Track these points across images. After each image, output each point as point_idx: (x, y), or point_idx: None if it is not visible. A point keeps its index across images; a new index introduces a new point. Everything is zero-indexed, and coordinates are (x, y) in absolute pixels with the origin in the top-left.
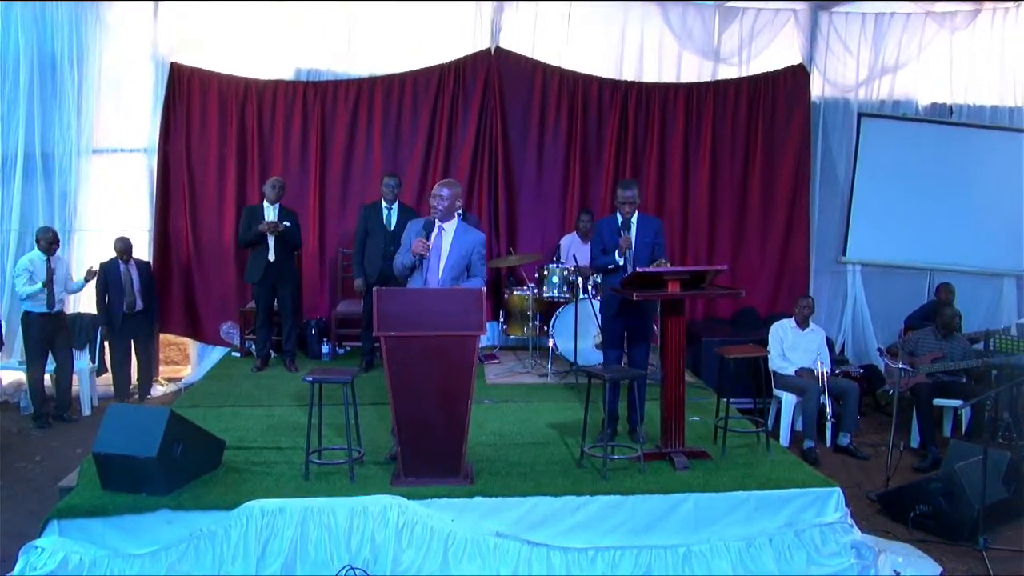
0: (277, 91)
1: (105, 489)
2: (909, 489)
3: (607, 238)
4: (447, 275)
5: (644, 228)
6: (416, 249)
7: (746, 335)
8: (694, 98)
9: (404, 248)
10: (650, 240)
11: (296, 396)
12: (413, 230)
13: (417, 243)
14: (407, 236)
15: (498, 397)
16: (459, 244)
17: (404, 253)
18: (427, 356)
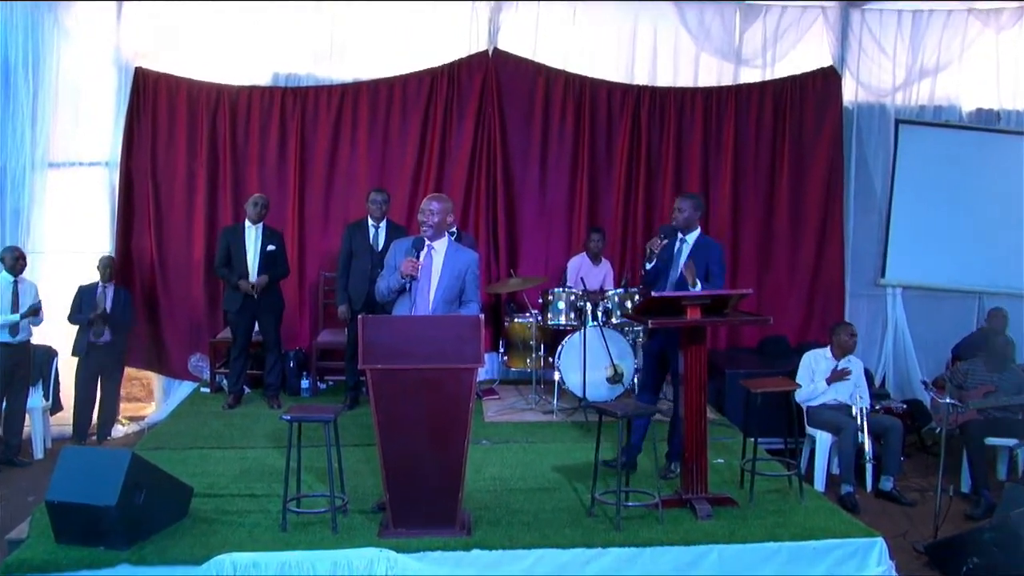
0: (252, 98)
1: (59, 542)
2: (960, 539)
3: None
4: (439, 300)
5: (698, 248)
6: (406, 270)
7: (775, 366)
8: (713, 103)
9: (389, 270)
10: (702, 263)
11: (272, 436)
12: (399, 250)
13: (407, 263)
14: (392, 256)
15: (498, 437)
16: (451, 265)
17: (390, 275)
18: (418, 391)
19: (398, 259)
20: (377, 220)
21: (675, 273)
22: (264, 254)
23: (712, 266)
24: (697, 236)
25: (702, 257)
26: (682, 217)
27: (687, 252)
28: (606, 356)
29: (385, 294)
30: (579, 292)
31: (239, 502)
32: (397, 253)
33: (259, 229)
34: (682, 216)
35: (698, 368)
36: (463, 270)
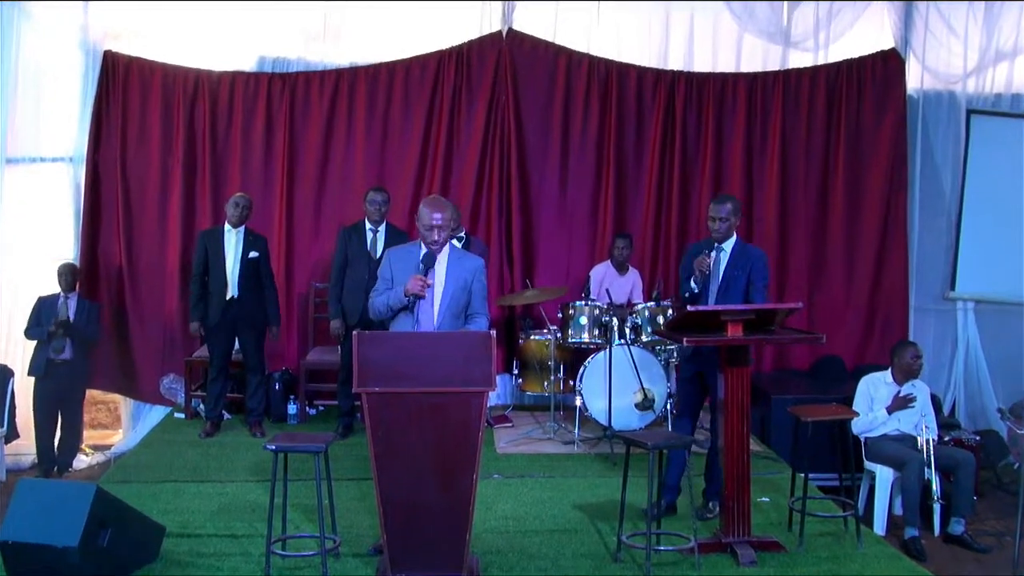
0: (235, 85)
1: None
2: None
3: (690, 264)
4: (446, 314)
5: (738, 257)
6: (413, 289)
7: (828, 392)
8: (758, 91)
9: (383, 283)
10: (740, 273)
11: (255, 469)
12: (397, 260)
13: (414, 282)
14: (386, 268)
15: (511, 470)
16: (455, 273)
17: (385, 289)
18: (421, 418)
19: (398, 273)
20: (375, 223)
21: (714, 287)
22: (246, 262)
23: (754, 277)
24: (735, 244)
25: (742, 267)
26: (723, 227)
27: (724, 263)
28: (635, 379)
29: (383, 312)
30: (604, 305)
31: (217, 543)
32: (394, 264)
33: (241, 233)
34: (723, 226)
35: (740, 393)
36: (468, 279)
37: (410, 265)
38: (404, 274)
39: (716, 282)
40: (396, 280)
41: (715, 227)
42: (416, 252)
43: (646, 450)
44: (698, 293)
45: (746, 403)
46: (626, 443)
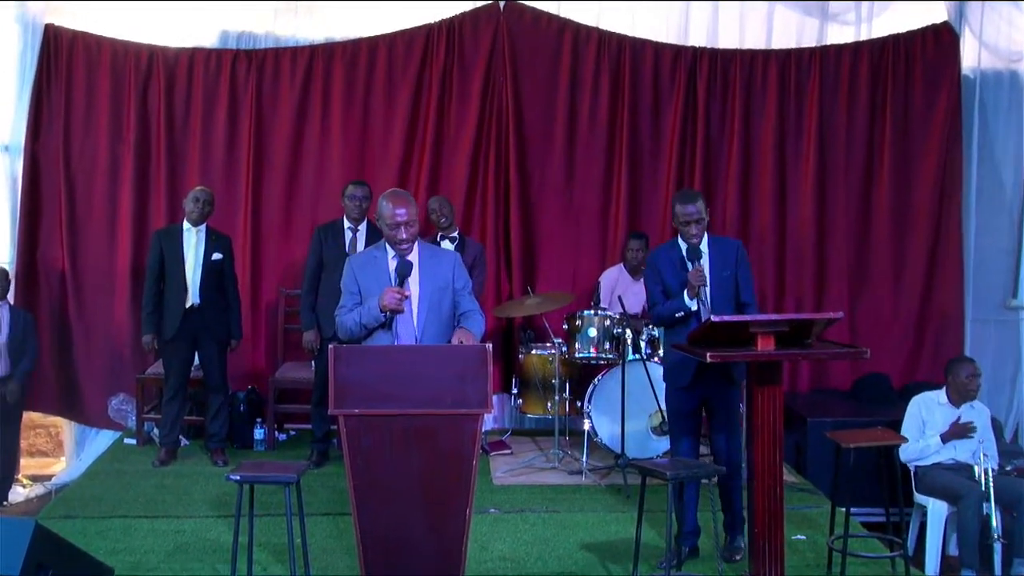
0: (195, 63)
1: None
2: None
3: (667, 275)
4: (427, 325)
5: (719, 255)
6: (390, 304)
7: (873, 414)
8: (792, 70)
9: (350, 299)
10: (729, 272)
11: (217, 502)
12: (363, 268)
13: (391, 295)
14: (350, 279)
15: (510, 504)
16: (430, 273)
17: (352, 304)
18: (407, 444)
19: (366, 283)
20: (355, 222)
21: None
22: (208, 265)
23: (741, 273)
24: (708, 239)
25: (728, 265)
26: (702, 227)
27: (708, 264)
28: (651, 399)
29: (355, 331)
30: (616, 315)
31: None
32: (359, 274)
33: (202, 232)
34: (700, 228)
35: (772, 415)
36: (447, 276)
37: (378, 273)
38: (373, 284)
39: (706, 287)
40: (365, 292)
41: (694, 232)
42: (382, 257)
43: (665, 481)
44: (697, 311)
45: (779, 427)
46: (641, 473)
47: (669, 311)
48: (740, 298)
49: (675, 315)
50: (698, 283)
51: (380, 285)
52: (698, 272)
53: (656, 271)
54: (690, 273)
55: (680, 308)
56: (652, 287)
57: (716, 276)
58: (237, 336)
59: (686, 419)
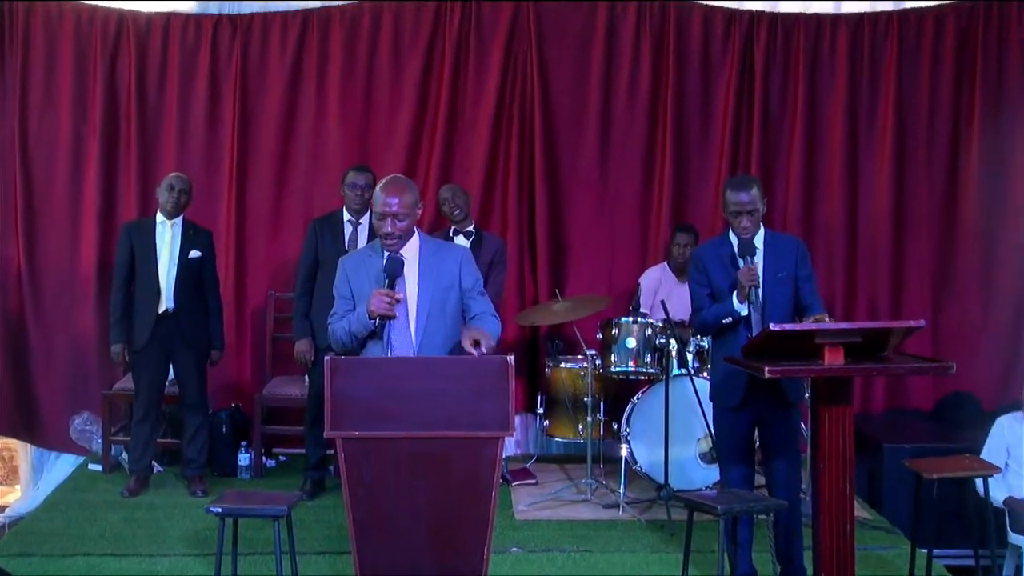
0: (170, 31)
1: None
2: None
3: (715, 274)
4: (432, 334)
5: (775, 253)
6: (378, 309)
7: (959, 439)
8: (864, 38)
9: (343, 304)
10: (788, 273)
11: (195, 538)
12: (355, 270)
13: (378, 299)
14: (342, 282)
15: (534, 543)
16: (432, 272)
17: (345, 311)
18: (414, 472)
19: (359, 286)
20: (356, 214)
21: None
22: (184, 264)
23: (801, 273)
24: (764, 236)
25: (785, 264)
26: (754, 220)
27: (762, 261)
28: (699, 421)
29: (346, 341)
30: (658, 323)
31: None
32: (351, 276)
33: (178, 227)
34: (753, 220)
35: (841, 440)
36: (453, 273)
37: (372, 275)
38: (367, 288)
39: (758, 288)
40: (358, 297)
41: (744, 224)
42: (376, 257)
43: (715, 516)
44: (747, 315)
45: (849, 454)
46: (688, 507)
47: (715, 316)
48: (802, 301)
49: (722, 321)
50: (749, 283)
51: (373, 287)
52: (750, 271)
53: (702, 270)
54: (740, 272)
55: (728, 313)
56: (697, 288)
57: (771, 277)
58: (219, 346)
59: (737, 444)
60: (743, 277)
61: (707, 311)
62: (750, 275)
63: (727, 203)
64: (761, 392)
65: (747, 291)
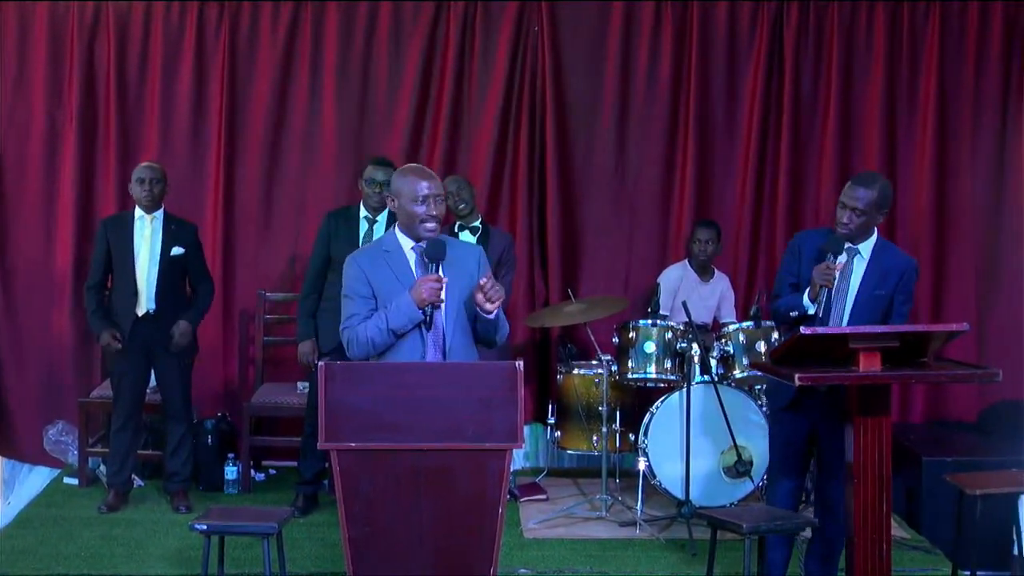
0: (152, 17)
1: None
2: None
3: (807, 262)
4: (456, 333)
5: (879, 267)
6: (430, 296)
7: (1005, 452)
8: (904, 21)
9: (363, 305)
10: (887, 293)
11: (178, 557)
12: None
13: (428, 285)
14: (359, 282)
15: (545, 563)
16: (458, 268)
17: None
18: (416, 487)
19: (381, 284)
20: (374, 211)
21: (840, 309)
22: (166, 261)
23: (899, 295)
24: (875, 245)
25: (887, 282)
26: (858, 222)
27: (860, 275)
28: (723, 432)
29: (379, 343)
30: (679, 326)
31: None
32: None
33: (158, 221)
34: (858, 220)
35: (878, 453)
36: (473, 271)
37: (399, 270)
38: (394, 285)
39: (844, 302)
40: (383, 296)
41: (844, 219)
42: (397, 251)
43: (740, 535)
44: (814, 316)
45: (886, 468)
46: (711, 525)
47: (786, 307)
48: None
49: (790, 314)
50: (821, 282)
51: (404, 285)
52: (827, 270)
53: (795, 255)
54: (816, 267)
55: (796, 307)
56: (782, 273)
57: (867, 292)
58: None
59: (786, 452)
60: (817, 274)
61: (782, 300)
62: (824, 274)
63: (843, 191)
64: (816, 396)
65: (817, 290)
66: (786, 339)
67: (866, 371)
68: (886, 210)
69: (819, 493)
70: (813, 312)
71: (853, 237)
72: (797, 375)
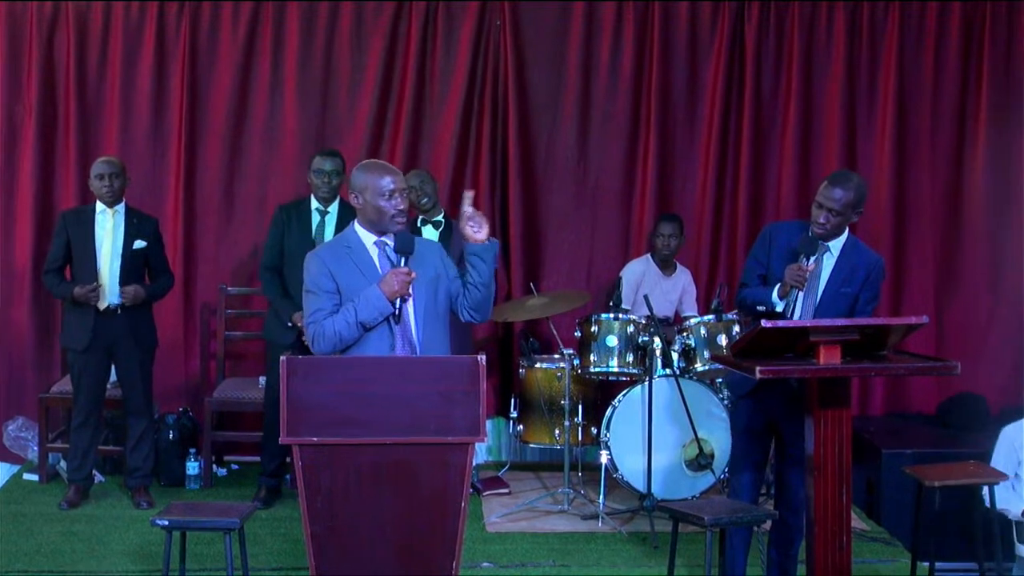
0: (112, 14)
1: None
2: None
3: (778, 257)
4: (430, 328)
5: (848, 265)
6: (400, 288)
7: (964, 444)
8: (864, 20)
9: (328, 300)
10: (852, 290)
11: (139, 553)
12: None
13: (397, 277)
14: (323, 277)
15: (508, 557)
16: (422, 262)
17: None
18: (379, 482)
19: (346, 279)
20: (325, 202)
21: (807, 305)
22: (128, 255)
23: (866, 292)
24: (845, 243)
25: (855, 279)
26: (834, 221)
27: (828, 272)
28: (686, 425)
29: (347, 337)
30: (641, 320)
31: None
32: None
33: (120, 215)
34: (834, 220)
35: (838, 445)
36: (437, 267)
37: (362, 265)
38: (358, 280)
39: (811, 298)
40: (347, 291)
41: (821, 219)
42: (359, 246)
43: (702, 528)
44: (780, 312)
45: (846, 460)
46: (673, 518)
47: (753, 299)
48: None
49: (757, 307)
50: (792, 282)
51: (368, 280)
52: (799, 271)
53: (766, 245)
54: (788, 267)
55: (764, 303)
56: (752, 262)
57: (834, 289)
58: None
59: (749, 441)
60: (788, 274)
61: (750, 290)
62: (796, 274)
63: (819, 190)
64: (780, 384)
65: (787, 289)
66: (747, 332)
67: (826, 364)
68: (861, 209)
69: (778, 483)
70: (781, 310)
71: (827, 236)
72: (758, 368)
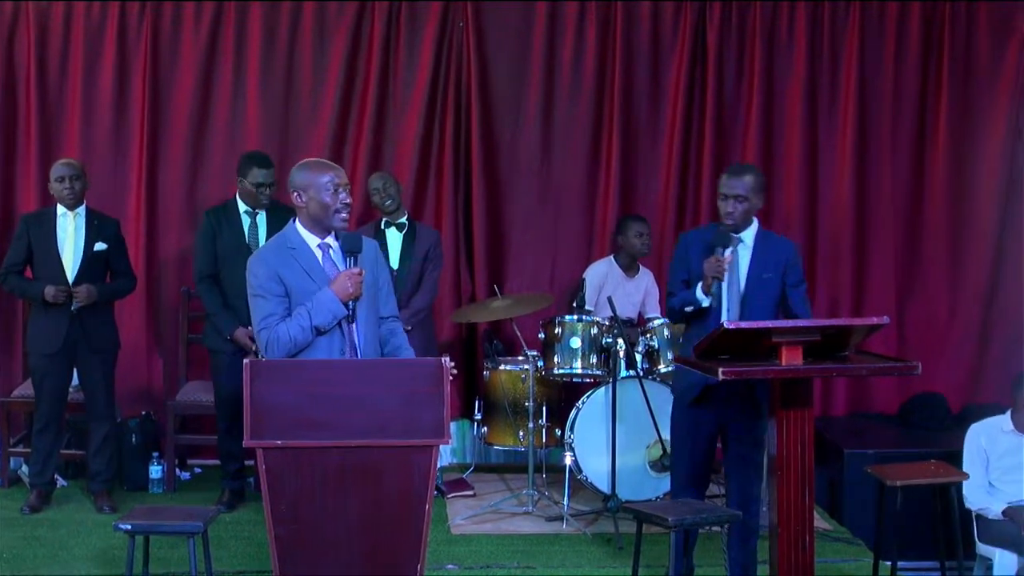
0: (73, 15)
1: None
2: None
3: (695, 260)
4: (368, 330)
5: (764, 253)
6: (355, 290)
7: (925, 444)
8: (825, 20)
9: (278, 305)
10: (773, 276)
11: (102, 558)
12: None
13: (351, 279)
14: (270, 280)
15: (472, 559)
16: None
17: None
18: (342, 485)
19: (295, 282)
20: (253, 205)
21: (733, 296)
22: (89, 258)
23: (791, 277)
24: (756, 233)
25: (773, 265)
26: (741, 208)
27: (747, 262)
28: (649, 427)
29: (300, 340)
30: (605, 321)
31: None
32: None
33: (80, 217)
34: (741, 208)
35: (800, 446)
36: (375, 269)
37: (305, 266)
38: (306, 282)
39: (735, 288)
40: (296, 293)
41: (729, 209)
42: (302, 247)
43: (666, 528)
44: (709, 308)
45: (808, 460)
46: (637, 518)
47: (681, 303)
48: (790, 308)
49: (685, 309)
50: (712, 274)
51: (315, 281)
52: (717, 262)
53: (684, 254)
54: (706, 261)
55: (690, 302)
56: (673, 274)
57: (755, 277)
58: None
59: (694, 449)
60: (707, 267)
61: (676, 296)
62: (715, 266)
63: (719, 185)
64: (727, 390)
65: (710, 283)
66: (710, 332)
67: (788, 365)
68: (763, 193)
69: (732, 488)
70: (708, 304)
71: (738, 226)
72: (721, 369)
